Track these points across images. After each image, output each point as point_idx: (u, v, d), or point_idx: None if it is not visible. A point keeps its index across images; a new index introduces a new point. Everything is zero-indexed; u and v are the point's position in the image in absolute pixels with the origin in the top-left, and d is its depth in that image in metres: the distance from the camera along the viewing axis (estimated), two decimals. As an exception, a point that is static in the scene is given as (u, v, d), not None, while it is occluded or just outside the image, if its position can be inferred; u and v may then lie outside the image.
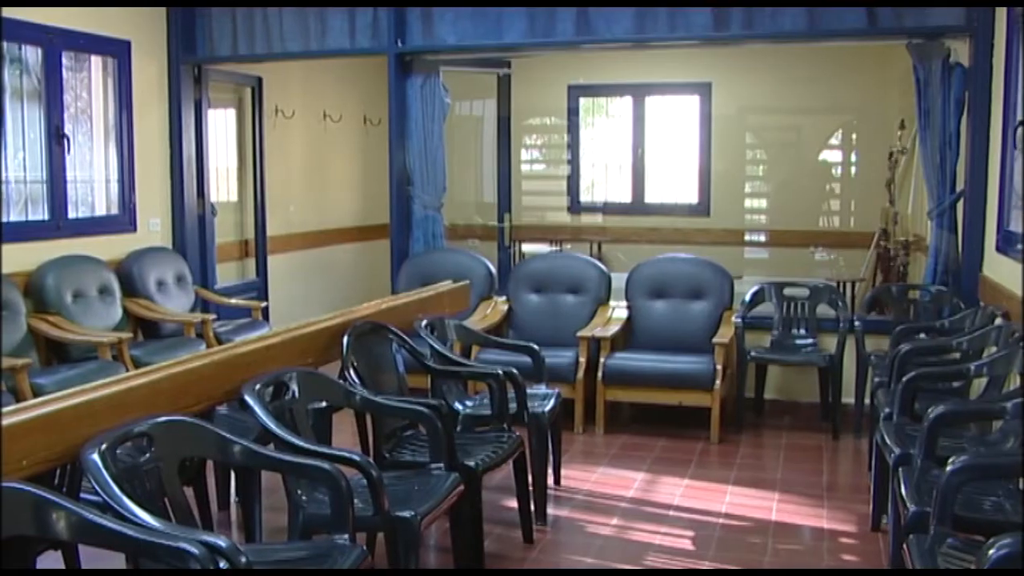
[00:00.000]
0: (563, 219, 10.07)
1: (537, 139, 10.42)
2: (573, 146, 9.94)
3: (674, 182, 9.78)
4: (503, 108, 8.47)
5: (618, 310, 6.53)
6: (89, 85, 6.61)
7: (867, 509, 4.57)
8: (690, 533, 4.51)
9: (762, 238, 9.68)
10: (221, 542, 2.41)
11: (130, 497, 2.57)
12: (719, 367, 5.86)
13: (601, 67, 9.37)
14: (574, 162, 9.95)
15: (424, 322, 4.64)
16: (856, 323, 5.94)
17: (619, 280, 6.68)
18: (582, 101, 9.89)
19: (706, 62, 9.08)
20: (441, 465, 3.63)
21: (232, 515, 4.70)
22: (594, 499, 4.97)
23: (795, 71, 8.75)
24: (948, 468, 2.90)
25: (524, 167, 10.14)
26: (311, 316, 4.26)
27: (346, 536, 2.94)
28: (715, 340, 5.96)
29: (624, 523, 4.63)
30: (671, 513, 4.76)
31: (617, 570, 4.11)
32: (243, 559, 2.42)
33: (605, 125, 10.15)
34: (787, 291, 6.41)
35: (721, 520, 4.65)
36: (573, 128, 9.91)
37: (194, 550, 2.34)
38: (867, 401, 5.65)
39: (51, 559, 3.23)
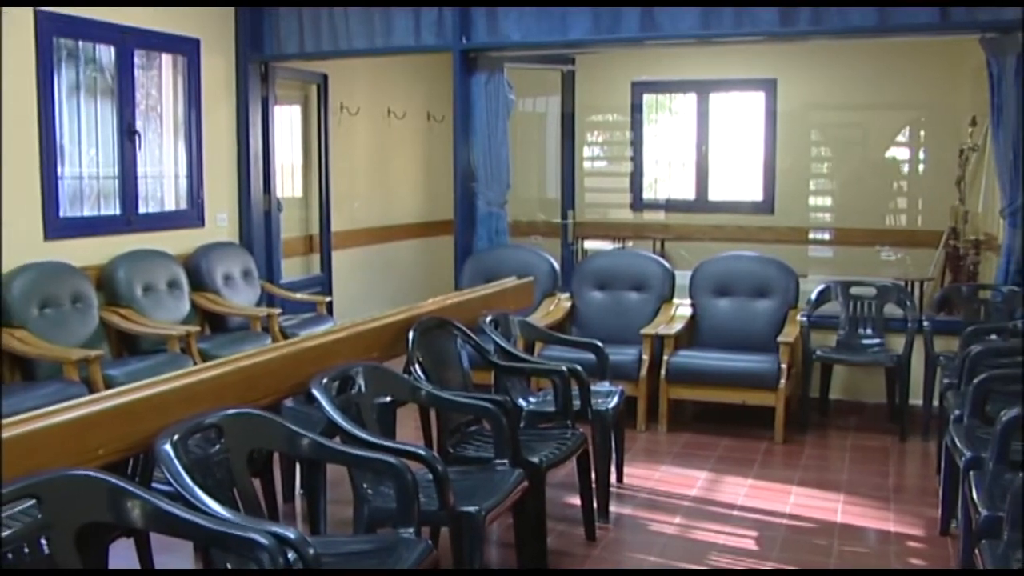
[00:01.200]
0: (625, 216, 10.04)
1: (600, 136, 10.39)
2: (636, 143, 9.90)
3: (738, 179, 9.69)
4: (567, 104, 8.46)
5: (682, 308, 6.50)
6: (159, 83, 6.72)
7: (935, 513, 4.50)
8: (754, 533, 4.47)
9: (827, 236, 9.56)
10: (290, 533, 2.44)
11: (201, 487, 2.62)
12: (784, 366, 5.80)
13: (665, 63, 9.31)
14: (637, 159, 9.91)
15: (488, 318, 4.65)
16: (925, 323, 5.84)
17: (682, 278, 6.64)
18: (646, 97, 9.85)
19: (771, 58, 8.99)
20: (505, 461, 3.64)
21: (297, 507, 4.76)
22: (657, 497, 4.95)
23: (862, 67, 8.61)
24: (1022, 473, 2.85)
25: (587, 164, 10.12)
26: (374, 311, 4.29)
27: (411, 530, 2.96)
28: (780, 339, 5.90)
29: (687, 522, 4.60)
30: (735, 513, 4.72)
31: (680, 569, 4.09)
32: (311, 551, 2.44)
33: (668, 122, 10.09)
34: (854, 290, 6.32)
35: (785, 521, 4.60)
36: (636, 125, 9.86)
37: (264, 541, 2.37)
38: (935, 403, 5.55)
39: (122, 546, 3.30)
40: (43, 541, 2.34)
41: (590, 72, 8.92)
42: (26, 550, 2.30)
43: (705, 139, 9.64)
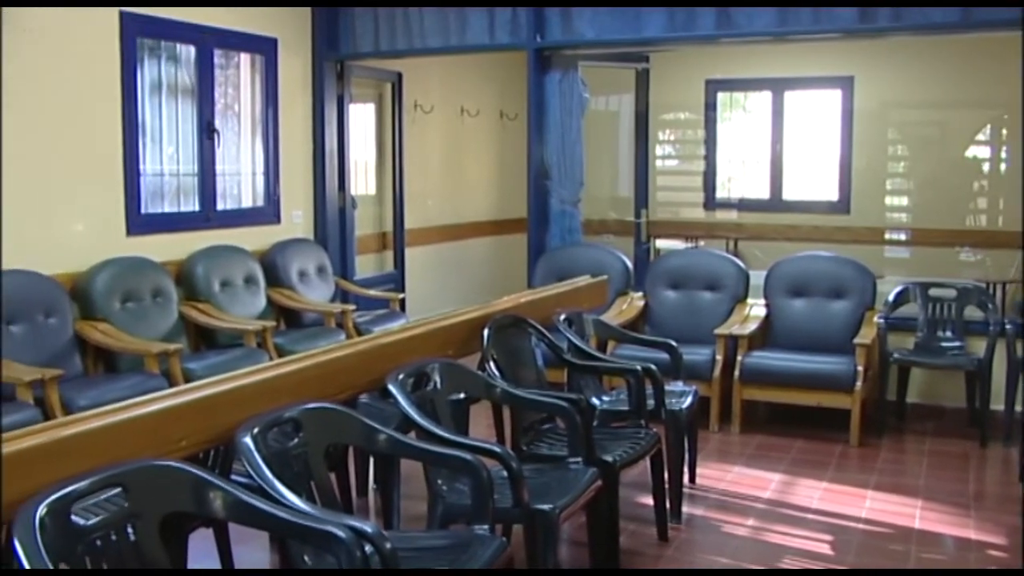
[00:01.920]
0: (698, 215, 9.96)
1: (672, 134, 10.32)
2: (709, 141, 9.82)
3: (813, 178, 9.56)
4: (641, 102, 8.42)
5: (756, 308, 6.43)
6: (238, 81, 6.84)
7: (1017, 520, 4.40)
8: (829, 537, 4.41)
9: (903, 237, 9.38)
10: (367, 527, 2.47)
11: (279, 480, 2.66)
12: (860, 368, 5.71)
13: (740, 61, 9.21)
14: (710, 158, 9.83)
15: (563, 316, 4.65)
16: (1008, 326, 5.71)
17: (756, 278, 6.57)
18: (720, 96, 9.76)
19: (848, 55, 8.85)
20: (579, 459, 3.64)
21: (370, 502, 4.80)
22: (729, 499, 4.91)
23: (942, 64, 8.44)
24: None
25: (659, 163, 10.06)
26: (446, 308, 4.32)
27: (486, 527, 2.97)
28: (856, 341, 5.82)
29: (760, 524, 4.56)
30: (809, 516, 4.66)
31: (754, 571, 4.05)
32: (388, 545, 2.47)
33: (742, 120, 9.98)
34: (933, 292, 6.20)
35: (861, 525, 4.54)
36: (710, 123, 9.78)
37: (342, 534, 2.40)
38: (1018, 408, 5.43)
39: (201, 536, 3.36)
40: (129, 529, 2.40)
41: (664, 70, 8.87)
42: (113, 537, 2.36)
43: (780, 137, 9.52)
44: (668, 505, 4.39)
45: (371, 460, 4.71)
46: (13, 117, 5.16)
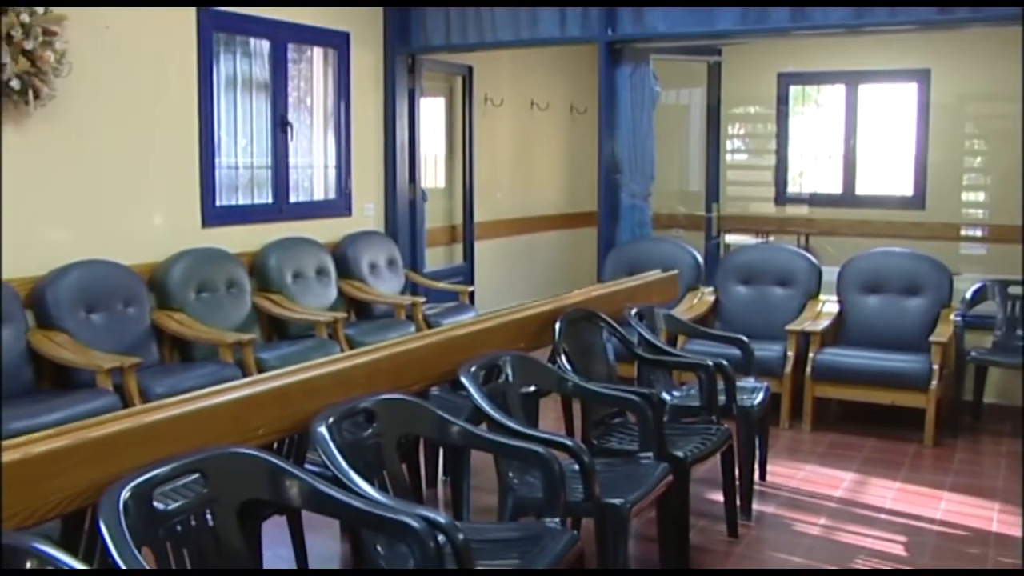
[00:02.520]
0: (768, 210, 9.84)
1: (742, 128, 10.21)
2: (781, 135, 9.69)
3: (887, 173, 9.40)
4: (712, 96, 8.35)
5: (828, 304, 6.35)
6: (311, 75, 6.91)
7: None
8: (902, 539, 4.34)
9: (980, 233, 9.18)
10: (441, 518, 2.48)
11: (353, 469, 2.68)
12: (936, 367, 5.61)
13: (813, 54, 9.08)
14: (781, 152, 9.70)
15: (634, 310, 4.63)
16: (1090, 325, 5.58)
17: (828, 274, 6.49)
18: (792, 89, 9.63)
19: (925, 47, 8.67)
20: (650, 454, 3.62)
21: (439, 493, 4.83)
22: (800, 497, 4.86)
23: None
24: None
25: (728, 157, 9.96)
26: (515, 302, 4.32)
27: (557, 520, 2.97)
28: (932, 339, 5.71)
29: (832, 524, 4.50)
30: (882, 516, 4.59)
31: (826, 571, 4.00)
32: (460, 536, 2.48)
33: (814, 114, 9.84)
34: (1012, 289, 6.07)
35: (936, 527, 4.46)
36: (781, 117, 9.66)
37: (415, 524, 2.42)
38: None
39: (273, 524, 3.40)
40: (208, 514, 2.44)
41: (736, 63, 8.78)
42: (193, 522, 2.40)
43: (853, 131, 9.37)
44: (738, 502, 4.36)
45: (440, 452, 4.74)
46: (95, 114, 5.28)
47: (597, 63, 6.78)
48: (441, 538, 2.45)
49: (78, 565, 1.95)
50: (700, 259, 6.76)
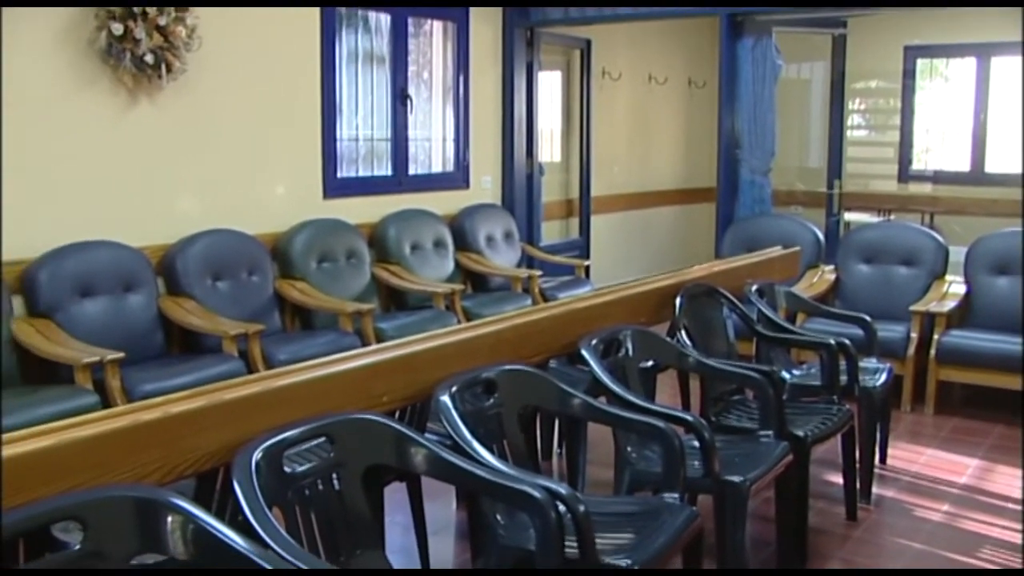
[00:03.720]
0: (890, 187, 9.59)
1: (864, 103, 9.95)
2: (905, 110, 9.42)
3: (1020, 150, 9.05)
4: (836, 69, 8.14)
5: (955, 285, 6.15)
6: (430, 48, 6.96)
7: None
8: (1032, 529, 4.21)
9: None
10: (562, 489, 2.49)
11: (474, 438, 2.71)
12: (1069, 352, 5.41)
13: (942, 26, 8.79)
14: (905, 128, 9.43)
15: (754, 286, 4.57)
16: None
17: (955, 254, 6.28)
18: (919, 63, 9.34)
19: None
20: (770, 432, 3.57)
21: (553, 466, 4.84)
22: (922, 482, 4.73)
23: None
24: None
25: (849, 132, 9.72)
26: (630, 277, 4.30)
27: (676, 495, 2.95)
28: (1066, 322, 5.51)
29: (955, 511, 4.37)
30: (1009, 506, 4.43)
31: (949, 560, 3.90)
32: (581, 507, 2.48)
33: (941, 88, 9.53)
34: None
35: (1069, 519, 4.30)
36: (907, 91, 9.37)
37: (537, 494, 2.43)
38: None
39: (393, 489, 3.46)
40: (334, 478, 2.49)
41: (861, 36, 8.55)
42: (320, 486, 2.46)
43: (984, 106, 9.05)
44: (858, 485, 4.27)
45: (556, 425, 4.75)
46: (223, 88, 5.42)
47: (718, 36, 6.68)
48: (561, 508, 2.46)
49: (213, 521, 2.02)
50: (821, 236, 6.61)
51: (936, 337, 5.71)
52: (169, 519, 2.01)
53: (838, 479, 4.32)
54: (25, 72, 4.58)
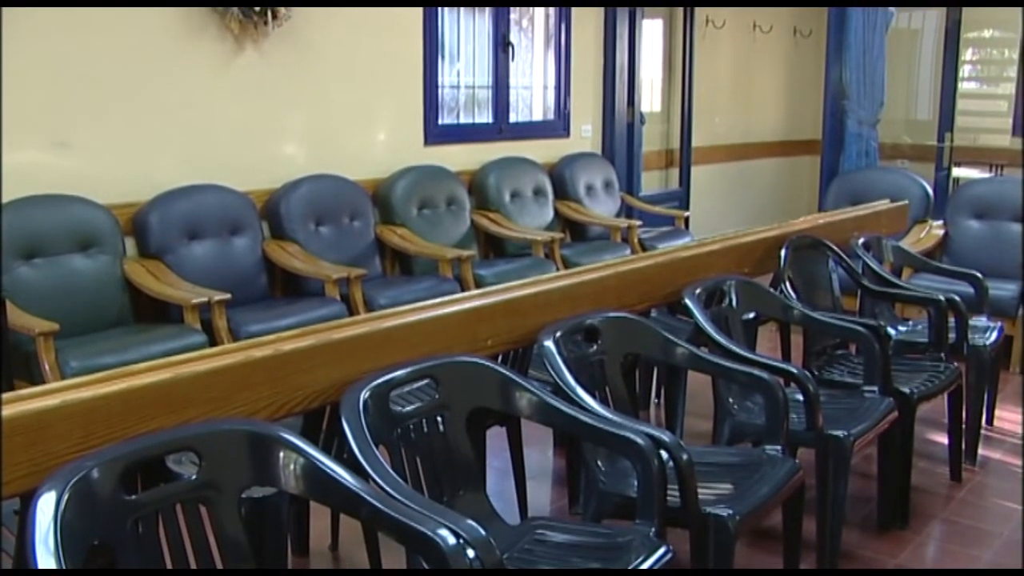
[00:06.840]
0: (1001, 142, 9.26)
1: (976, 54, 9.60)
2: (1022, 62, 9.06)
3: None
4: (951, 18, 7.86)
5: (1073, 244, 5.94)
6: (533, -5, 6.91)
7: None
8: None
9: None
10: (665, 436, 2.49)
11: (578, 384, 2.72)
12: None
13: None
14: (1021, 80, 9.07)
15: (861, 240, 4.47)
16: None
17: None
18: (1039, 11, 8.96)
19: None
20: (875, 388, 3.51)
21: (651, 415, 4.84)
22: (1029, 445, 4.62)
23: None
24: None
25: (960, 84, 9.40)
26: (730, 229, 4.24)
27: (778, 447, 2.93)
28: None
29: (1063, 475, 4.27)
30: (1118, 472, 4.31)
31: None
32: (685, 456, 2.48)
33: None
34: None
35: None
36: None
37: (640, 440, 2.44)
38: None
39: (491, 433, 3.49)
40: (439, 419, 2.53)
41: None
42: (425, 428, 2.49)
43: (1110, 57, 8.66)
44: (963, 445, 4.18)
45: (655, 374, 4.74)
46: (326, 35, 5.45)
47: (828, -17, 6.51)
48: (664, 456, 2.46)
49: (321, 456, 2.06)
50: (930, 190, 6.43)
51: (1049, 297, 5.54)
52: (281, 454, 2.06)
53: (942, 439, 4.24)
54: (137, 20, 4.67)
